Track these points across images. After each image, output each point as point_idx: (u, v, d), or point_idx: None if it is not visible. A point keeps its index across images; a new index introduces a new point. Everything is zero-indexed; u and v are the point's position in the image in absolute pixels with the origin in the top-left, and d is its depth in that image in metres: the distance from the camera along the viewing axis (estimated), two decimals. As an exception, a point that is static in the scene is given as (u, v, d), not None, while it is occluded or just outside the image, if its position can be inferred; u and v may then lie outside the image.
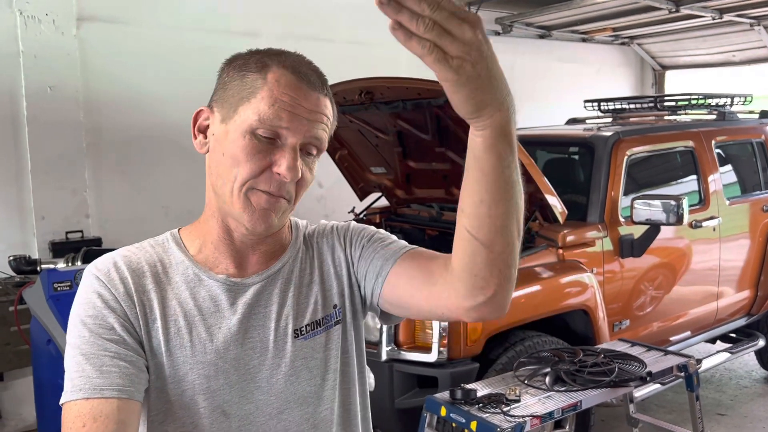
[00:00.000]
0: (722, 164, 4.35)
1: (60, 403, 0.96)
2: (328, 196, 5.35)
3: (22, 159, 4.14)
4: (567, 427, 3.19)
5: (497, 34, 6.48)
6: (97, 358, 0.96)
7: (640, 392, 3.33)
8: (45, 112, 4.14)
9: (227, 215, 1.06)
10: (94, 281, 1.03)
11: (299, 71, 1.01)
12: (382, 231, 1.19)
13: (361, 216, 4.55)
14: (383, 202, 4.59)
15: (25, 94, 4.10)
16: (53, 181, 4.20)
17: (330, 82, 1.09)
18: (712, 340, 4.57)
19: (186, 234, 1.13)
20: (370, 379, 1.25)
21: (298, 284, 1.11)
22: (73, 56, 4.24)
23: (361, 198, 4.64)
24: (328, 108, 1.04)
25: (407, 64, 6.34)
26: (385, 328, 2.99)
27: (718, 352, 4.31)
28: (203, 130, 1.07)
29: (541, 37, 6.83)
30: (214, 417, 1.03)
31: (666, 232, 3.71)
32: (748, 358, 4.95)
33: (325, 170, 4.66)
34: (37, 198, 4.17)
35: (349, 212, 4.56)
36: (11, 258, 3.38)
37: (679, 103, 4.69)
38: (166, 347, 1.02)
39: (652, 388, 3.42)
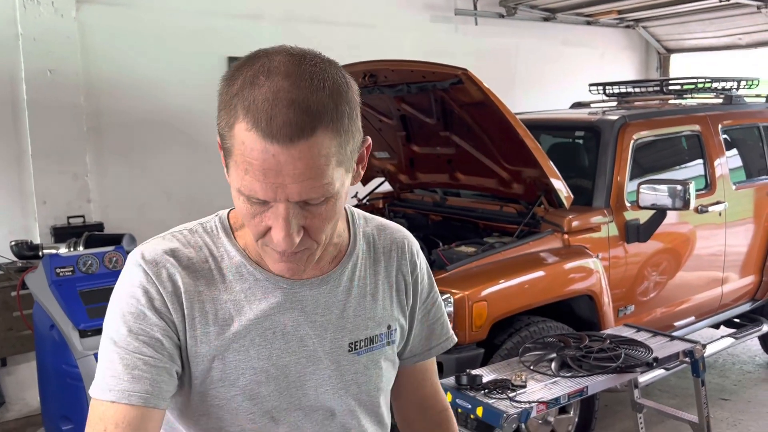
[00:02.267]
0: (728, 148, 4.31)
1: (89, 393, 0.95)
2: (331, 181, 5.31)
3: (22, 143, 4.11)
4: (571, 412, 3.19)
5: (501, 16, 6.40)
6: (131, 361, 0.92)
7: (645, 377, 3.32)
8: (45, 95, 4.10)
9: None
10: (141, 274, 0.96)
11: (269, 121, 0.82)
12: (440, 298, 1.22)
13: (365, 201, 4.52)
14: (386, 187, 4.56)
15: (25, 78, 4.05)
16: (54, 165, 4.17)
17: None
18: (716, 326, 4.55)
19: (234, 220, 1.04)
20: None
21: (357, 295, 1.07)
22: (73, 39, 4.19)
23: (364, 183, 4.61)
24: (324, 147, 0.84)
25: (410, 46, 6.32)
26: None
27: (722, 337, 4.30)
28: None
29: (546, 19, 6.75)
30: (262, 422, 1.00)
31: (671, 217, 3.69)
32: (751, 343, 4.93)
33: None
34: (38, 182, 4.14)
35: (352, 197, 4.54)
36: (13, 243, 3.37)
37: (686, 87, 4.64)
38: (218, 352, 0.98)
39: (657, 373, 3.41)
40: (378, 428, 1.12)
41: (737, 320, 4.58)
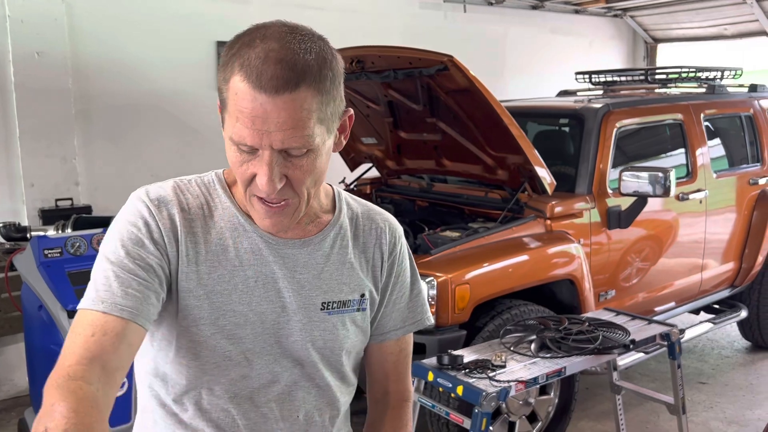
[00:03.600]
0: (710, 137, 4.37)
1: (78, 306, 1.02)
2: (319, 167, 5.33)
3: (10, 125, 4.11)
4: (552, 393, 3.26)
5: (490, 4, 6.43)
6: (126, 280, 1.01)
7: (624, 361, 3.40)
8: (33, 78, 4.09)
9: None
10: (144, 208, 1.06)
11: (259, 75, 0.93)
12: (418, 284, 1.27)
13: (352, 187, 4.56)
14: (374, 172, 4.59)
15: (13, 60, 4.04)
16: (42, 148, 4.17)
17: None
18: (696, 311, 4.64)
19: (228, 176, 1.15)
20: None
21: (336, 261, 1.16)
22: (61, 21, 4.19)
23: (352, 168, 4.65)
24: (306, 102, 0.95)
25: (399, 33, 6.32)
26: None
27: (701, 322, 4.39)
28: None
29: (534, 8, 6.78)
30: (237, 361, 1.10)
31: (653, 204, 3.75)
32: (730, 328, 5.04)
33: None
34: (26, 165, 4.14)
35: (339, 183, 4.57)
36: (1, 225, 3.38)
37: (670, 76, 4.70)
38: (205, 291, 1.07)
39: (636, 356, 3.49)
40: (341, 384, 1.20)
41: (716, 306, 4.68)
